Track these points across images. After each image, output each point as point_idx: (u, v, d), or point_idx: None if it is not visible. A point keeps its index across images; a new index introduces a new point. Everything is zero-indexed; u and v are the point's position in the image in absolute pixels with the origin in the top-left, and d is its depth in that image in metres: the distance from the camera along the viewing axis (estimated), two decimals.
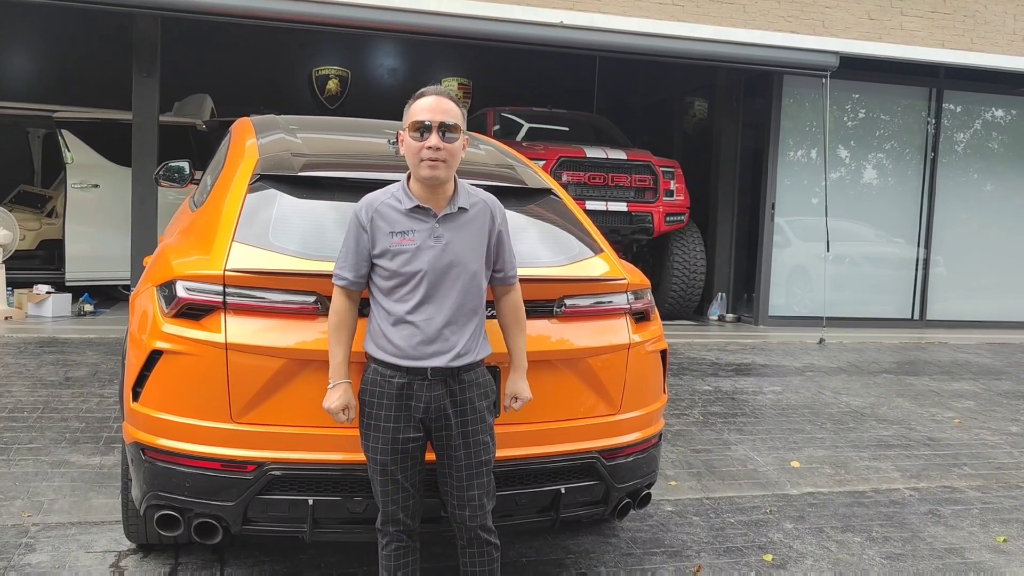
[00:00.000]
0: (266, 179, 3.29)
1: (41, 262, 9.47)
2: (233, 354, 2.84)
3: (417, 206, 2.72)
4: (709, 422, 5.97)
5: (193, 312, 2.91)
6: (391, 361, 2.67)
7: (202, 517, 2.92)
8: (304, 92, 13.79)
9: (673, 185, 9.32)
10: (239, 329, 2.86)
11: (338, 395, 2.72)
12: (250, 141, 3.75)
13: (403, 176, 2.82)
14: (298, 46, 13.21)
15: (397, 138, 2.83)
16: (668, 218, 9.29)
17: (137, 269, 8.49)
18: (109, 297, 9.23)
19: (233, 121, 4.78)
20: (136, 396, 2.99)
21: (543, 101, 11.44)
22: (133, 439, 3.01)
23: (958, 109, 10.78)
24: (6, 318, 7.85)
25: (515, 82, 13.29)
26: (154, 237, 8.56)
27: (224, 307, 2.88)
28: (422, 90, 2.79)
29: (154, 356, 2.92)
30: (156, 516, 2.97)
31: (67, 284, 8.76)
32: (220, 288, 2.88)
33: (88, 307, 8.43)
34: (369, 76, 14.07)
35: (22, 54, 12.35)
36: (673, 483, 4.80)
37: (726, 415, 6.17)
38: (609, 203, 8.90)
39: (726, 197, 10.85)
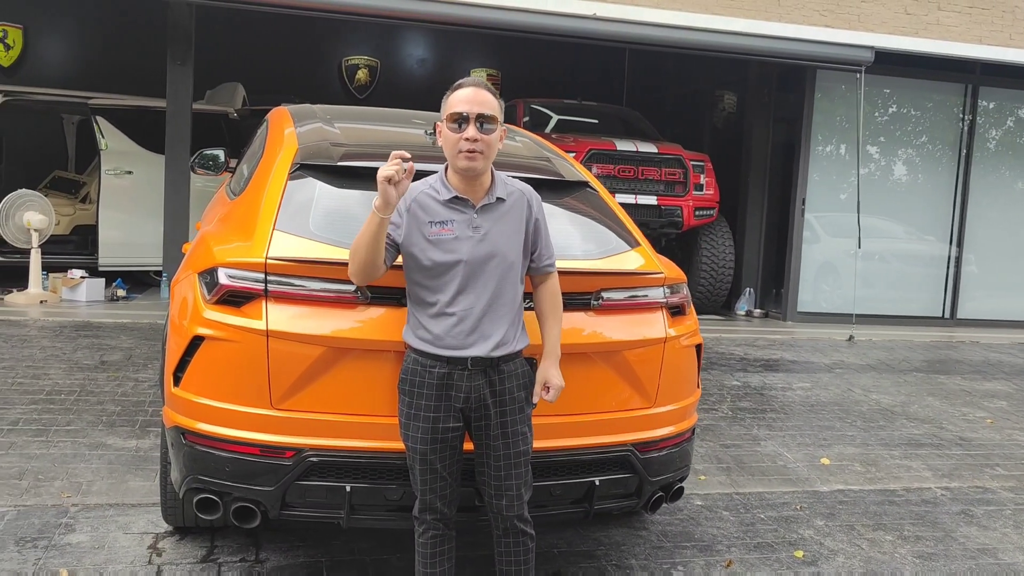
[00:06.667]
0: (305, 168, 3.31)
1: (75, 247, 9.59)
2: (274, 341, 2.86)
3: (455, 197, 2.73)
4: (738, 417, 5.96)
5: (234, 299, 2.93)
6: (432, 351, 2.68)
7: (241, 501, 2.95)
8: (334, 81, 13.85)
9: (703, 179, 9.27)
10: (280, 316, 2.89)
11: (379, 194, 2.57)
12: (288, 130, 3.77)
13: (440, 167, 2.83)
14: (328, 36, 13.26)
15: (435, 129, 2.84)
16: (697, 212, 9.25)
17: (169, 255, 8.60)
18: (140, 282, 9.34)
19: (264, 110, 4.81)
20: (177, 381, 3.02)
21: (571, 93, 11.40)
22: (173, 423, 3.05)
23: (991, 106, 10.63)
24: (41, 301, 7.97)
25: (543, 73, 13.28)
26: (186, 224, 8.65)
27: (265, 294, 2.90)
28: (460, 81, 2.80)
29: (195, 342, 2.95)
30: (196, 499, 3.01)
31: (100, 269, 8.87)
32: (262, 276, 2.90)
33: (121, 292, 8.55)
34: (398, 66, 14.11)
35: (58, 41, 12.48)
36: (703, 477, 4.80)
37: (755, 411, 6.15)
38: (638, 196, 8.87)
39: (756, 192, 10.79)
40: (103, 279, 8.52)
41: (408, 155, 2.59)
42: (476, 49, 14.04)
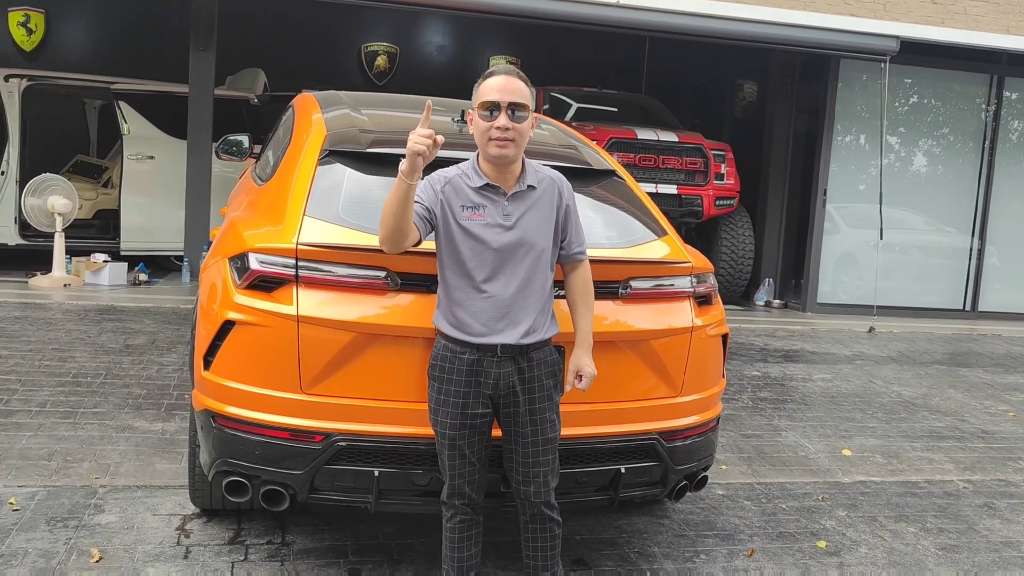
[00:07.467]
0: (334, 154, 3.33)
1: (97, 231, 9.65)
2: (304, 326, 2.88)
3: (487, 184, 2.74)
4: (759, 407, 5.95)
5: (265, 284, 2.95)
6: (461, 338, 2.69)
7: (270, 484, 2.98)
8: (353, 68, 13.83)
9: (724, 168, 9.23)
10: (310, 302, 2.91)
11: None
12: (316, 115, 3.79)
13: (472, 155, 2.84)
14: (348, 22, 13.24)
15: (463, 117, 2.84)
16: (718, 202, 9.21)
17: (191, 240, 8.66)
18: (161, 267, 9.40)
19: (285, 96, 4.80)
20: (207, 365, 3.05)
21: (591, 81, 11.35)
22: (203, 406, 3.08)
23: (1015, 97, 10.51)
24: (65, 285, 8.04)
25: (563, 61, 13.21)
26: (208, 209, 8.69)
27: (296, 280, 2.92)
28: (491, 69, 2.80)
29: (226, 326, 2.97)
30: (225, 482, 3.04)
31: (122, 253, 8.93)
32: (292, 261, 2.92)
33: (143, 276, 8.60)
34: (417, 53, 14.07)
35: (80, 26, 12.53)
36: (724, 467, 4.80)
37: (775, 401, 6.14)
38: (659, 185, 8.84)
39: (776, 182, 10.73)
40: (125, 263, 8.57)
41: (441, 138, 2.58)
42: (496, 36, 13.98)
